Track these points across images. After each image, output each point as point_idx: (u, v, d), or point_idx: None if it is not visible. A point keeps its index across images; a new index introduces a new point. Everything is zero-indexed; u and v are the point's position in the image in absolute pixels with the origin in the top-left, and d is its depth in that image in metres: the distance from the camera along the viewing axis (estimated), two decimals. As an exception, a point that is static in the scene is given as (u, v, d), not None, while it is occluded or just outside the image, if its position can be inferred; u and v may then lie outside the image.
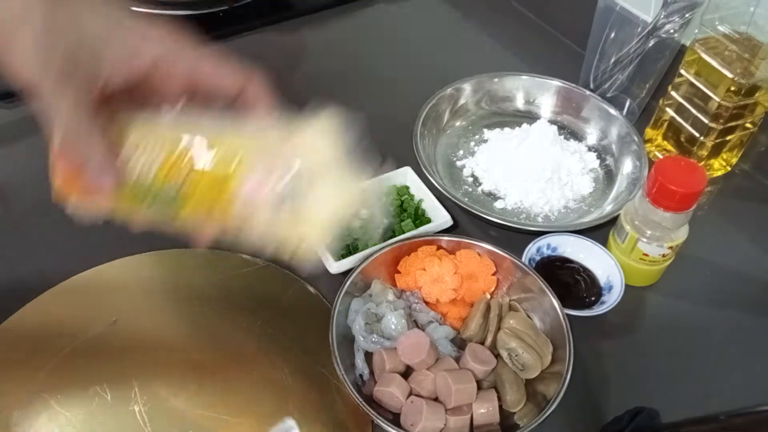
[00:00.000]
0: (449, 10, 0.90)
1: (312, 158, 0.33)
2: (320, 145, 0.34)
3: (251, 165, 0.34)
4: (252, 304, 0.54)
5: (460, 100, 0.72)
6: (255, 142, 0.34)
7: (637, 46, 0.67)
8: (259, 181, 0.33)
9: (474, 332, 0.49)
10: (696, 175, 0.50)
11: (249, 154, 0.34)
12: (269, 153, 0.33)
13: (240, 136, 0.35)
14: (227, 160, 0.35)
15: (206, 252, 0.56)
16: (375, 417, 0.44)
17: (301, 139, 0.34)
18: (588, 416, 0.49)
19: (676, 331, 0.55)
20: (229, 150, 0.35)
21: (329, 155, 0.34)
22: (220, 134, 0.36)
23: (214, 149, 0.35)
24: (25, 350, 0.50)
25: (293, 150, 0.33)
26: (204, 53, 0.37)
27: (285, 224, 0.33)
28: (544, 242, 0.57)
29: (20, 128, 0.70)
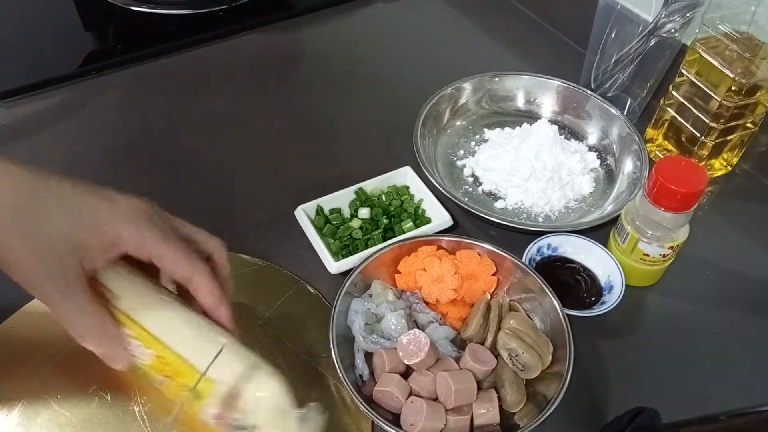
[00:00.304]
0: (449, 9, 0.90)
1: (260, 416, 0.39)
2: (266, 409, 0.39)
3: (217, 394, 0.39)
4: (252, 304, 0.54)
5: (460, 100, 0.72)
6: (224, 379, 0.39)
7: (638, 46, 0.67)
8: (220, 414, 0.38)
9: (474, 332, 0.49)
10: (697, 174, 0.50)
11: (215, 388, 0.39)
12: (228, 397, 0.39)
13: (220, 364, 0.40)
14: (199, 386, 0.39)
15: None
16: (375, 417, 0.44)
17: (250, 397, 0.39)
18: (588, 416, 0.49)
19: (676, 331, 0.55)
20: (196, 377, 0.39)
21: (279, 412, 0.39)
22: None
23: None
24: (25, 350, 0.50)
25: (245, 403, 0.39)
26: (165, 236, 0.39)
27: None
28: (545, 242, 0.57)
29: (20, 128, 0.70)
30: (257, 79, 0.78)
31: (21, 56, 0.78)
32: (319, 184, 0.63)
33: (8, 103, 0.72)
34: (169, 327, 0.40)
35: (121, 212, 0.38)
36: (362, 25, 0.87)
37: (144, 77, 0.77)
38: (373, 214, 0.60)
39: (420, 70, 0.80)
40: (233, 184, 0.65)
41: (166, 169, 0.67)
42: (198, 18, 0.84)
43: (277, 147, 0.69)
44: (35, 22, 0.82)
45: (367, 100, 0.76)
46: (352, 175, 0.63)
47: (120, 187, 0.63)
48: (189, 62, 0.79)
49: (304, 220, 0.58)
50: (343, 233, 0.58)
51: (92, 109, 0.73)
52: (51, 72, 0.75)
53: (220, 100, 0.75)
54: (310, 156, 0.68)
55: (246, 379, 0.39)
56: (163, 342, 0.40)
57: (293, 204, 0.59)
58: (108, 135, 0.70)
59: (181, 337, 0.41)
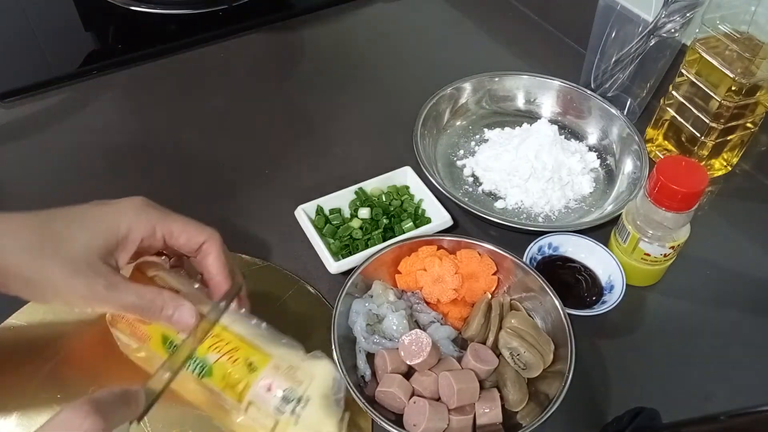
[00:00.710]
0: (449, 9, 0.90)
1: (312, 387, 0.41)
2: (320, 381, 0.42)
3: (268, 371, 0.42)
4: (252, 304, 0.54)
5: (460, 100, 0.72)
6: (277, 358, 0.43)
7: (638, 46, 0.67)
8: (269, 384, 0.41)
9: (475, 332, 0.49)
10: (697, 174, 0.50)
11: (273, 362, 0.42)
12: (285, 369, 0.42)
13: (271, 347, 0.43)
14: (257, 360, 0.42)
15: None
16: (378, 418, 0.44)
17: (307, 370, 0.42)
18: (588, 416, 0.49)
19: (676, 331, 0.55)
20: (260, 355, 0.43)
21: (325, 390, 0.42)
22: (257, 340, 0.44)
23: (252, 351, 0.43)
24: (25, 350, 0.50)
25: (302, 374, 0.42)
26: (171, 216, 0.43)
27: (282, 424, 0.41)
28: (546, 242, 0.57)
29: (20, 128, 0.70)
30: (257, 79, 0.78)
31: (21, 56, 0.78)
32: (319, 184, 0.63)
33: (8, 103, 0.72)
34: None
35: (123, 209, 0.42)
36: (362, 25, 0.87)
37: (144, 77, 0.77)
38: (373, 214, 0.60)
39: (420, 70, 0.80)
40: (233, 184, 0.65)
41: (166, 169, 0.67)
42: (198, 18, 0.84)
43: (277, 147, 0.69)
44: (35, 22, 0.82)
45: (367, 100, 0.76)
46: (352, 175, 0.63)
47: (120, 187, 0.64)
48: (189, 62, 0.79)
49: (304, 220, 0.58)
50: (343, 233, 0.58)
51: (92, 109, 0.73)
52: (51, 72, 0.75)
53: (220, 100, 0.75)
54: (310, 156, 0.68)
55: (303, 357, 0.43)
56: (224, 326, 0.43)
57: (293, 204, 0.59)
58: (108, 135, 0.70)
59: (238, 326, 0.44)
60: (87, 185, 0.64)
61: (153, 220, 0.42)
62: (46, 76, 0.74)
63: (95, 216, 0.41)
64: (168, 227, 0.42)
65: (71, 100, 0.73)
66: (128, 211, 0.41)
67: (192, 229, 0.43)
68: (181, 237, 0.43)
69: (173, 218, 0.43)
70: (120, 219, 0.41)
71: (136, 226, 0.41)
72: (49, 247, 0.39)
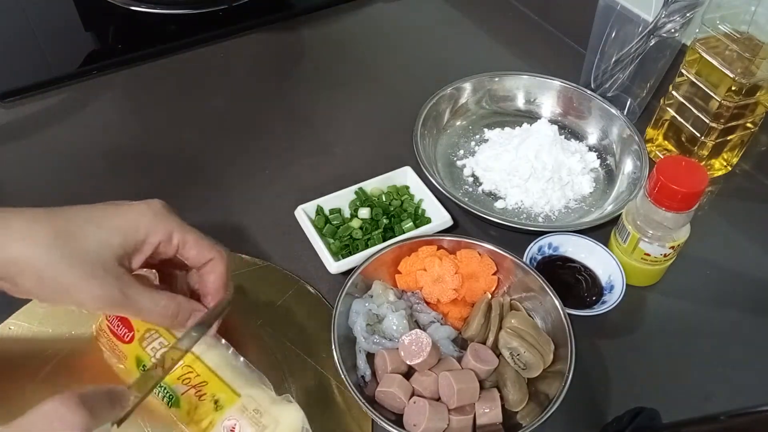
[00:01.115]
0: (449, 9, 0.90)
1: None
2: (285, 428, 0.42)
3: (233, 412, 0.42)
4: (252, 304, 0.54)
5: (460, 100, 0.72)
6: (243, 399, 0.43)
7: (638, 46, 0.67)
8: (233, 426, 0.41)
9: (475, 332, 0.49)
10: (697, 174, 0.50)
11: (240, 403, 0.42)
12: (251, 412, 0.42)
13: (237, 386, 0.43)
14: (224, 398, 0.43)
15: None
16: (378, 418, 0.44)
17: (274, 415, 0.42)
18: (588, 416, 0.49)
19: (676, 331, 0.55)
20: (228, 393, 0.43)
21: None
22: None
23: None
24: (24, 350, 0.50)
25: (268, 419, 0.41)
26: (188, 227, 0.42)
27: None
28: (546, 241, 0.57)
29: (20, 128, 0.70)
30: (257, 79, 0.78)
31: (21, 56, 0.78)
32: (319, 184, 0.63)
33: (8, 103, 0.72)
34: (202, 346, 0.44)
35: (143, 211, 0.41)
36: (362, 25, 0.87)
37: (144, 77, 0.77)
38: (373, 214, 0.60)
39: (420, 70, 0.80)
40: (233, 183, 0.65)
41: (166, 169, 0.67)
42: (198, 18, 0.84)
43: (277, 147, 0.69)
44: (35, 22, 0.82)
45: (367, 99, 0.76)
46: (352, 175, 0.63)
47: (120, 187, 0.64)
48: (189, 62, 0.79)
49: (304, 220, 0.58)
50: (343, 233, 0.58)
51: (92, 109, 0.73)
52: (51, 72, 0.75)
53: (220, 100, 0.75)
54: (310, 156, 0.68)
55: (270, 402, 0.42)
56: (197, 356, 0.44)
57: (293, 204, 0.59)
58: (108, 135, 0.70)
59: (212, 355, 0.44)
60: (87, 185, 0.64)
61: (171, 227, 0.41)
62: (46, 76, 0.74)
63: (114, 215, 0.40)
64: (184, 236, 0.42)
65: (71, 100, 0.73)
66: (148, 213, 0.40)
67: (205, 243, 0.42)
68: (193, 249, 0.42)
69: (189, 229, 0.42)
70: (139, 221, 0.40)
71: (154, 229, 0.40)
72: (64, 245, 0.37)
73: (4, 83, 0.72)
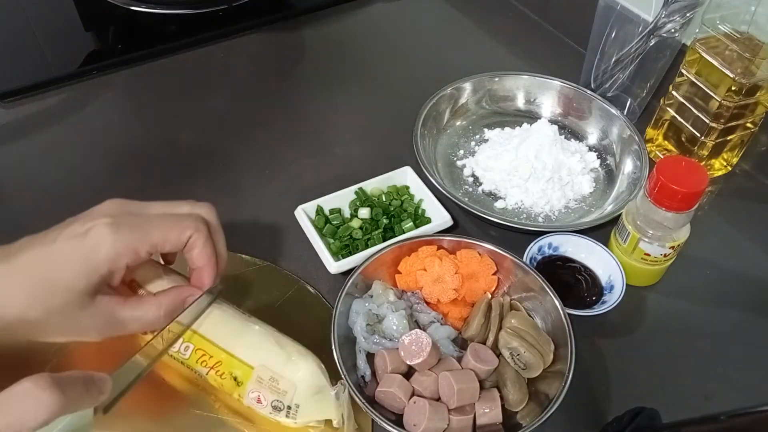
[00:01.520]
0: (449, 9, 0.90)
1: (298, 394, 0.43)
2: (304, 386, 0.43)
3: (253, 385, 0.43)
4: (252, 304, 0.54)
5: (460, 100, 0.72)
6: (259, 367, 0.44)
7: (638, 46, 0.67)
8: (258, 397, 0.43)
9: (475, 332, 0.49)
10: (697, 174, 0.50)
11: (255, 375, 0.43)
12: (267, 382, 0.43)
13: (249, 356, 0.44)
14: (240, 374, 0.44)
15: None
16: (378, 418, 0.44)
17: (289, 378, 0.43)
18: (588, 416, 0.49)
19: (676, 331, 0.55)
20: (242, 368, 0.44)
21: (312, 391, 0.43)
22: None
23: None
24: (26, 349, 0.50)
25: (285, 383, 0.43)
26: (148, 227, 0.40)
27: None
28: (546, 241, 0.57)
29: (20, 128, 0.70)
30: (257, 79, 0.78)
31: (21, 56, 0.78)
32: (319, 184, 0.63)
33: (8, 103, 0.72)
34: (209, 320, 0.44)
35: (95, 243, 0.38)
36: (362, 25, 0.87)
37: (144, 77, 0.77)
38: (373, 214, 0.60)
39: (420, 70, 0.80)
40: (233, 183, 0.65)
41: (166, 169, 0.67)
42: (198, 18, 0.84)
43: (277, 147, 0.69)
44: (35, 22, 0.82)
45: (367, 100, 0.76)
46: (352, 175, 0.63)
47: (120, 187, 0.64)
48: (189, 62, 0.79)
49: (304, 220, 0.58)
50: (343, 233, 0.58)
51: (92, 109, 0.73)
52: (51, 72, 0.75)
53: (220, 100, 0.75)
54: (310, 156, 0.68)
55: (283, 364, 0.43)
56: (202, 334, 0.44)
57: (293, 204, 0.59)
58: (108, 135, 0.70)
59: (219, 329, 0.45)
60: (87, 185, 0.64)
61: (131, 243, 0.39)
62: (46, 76, 0.74)
63: (69, 257, 0.38)
64: (148, 243, 0.40)
65: (71, 100, 0.73)
66: (102, 244, 0.38)
67: (173, 232, 0.41)
68: (165, 245, 0.41)
69: (151, 228, 0.40)
70: (96, 256, 0.38)
71: (115, 257, 0.38)
72: (43, 292, 0.37)
73: (4, 83, 0.72)
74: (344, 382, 0.44)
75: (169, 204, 0.43)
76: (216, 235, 0.44)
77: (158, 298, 0.42)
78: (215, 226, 0.44)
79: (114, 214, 0.40)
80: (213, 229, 0.44)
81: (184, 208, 0.43)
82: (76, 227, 0.39)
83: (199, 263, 0.43)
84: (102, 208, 0.41)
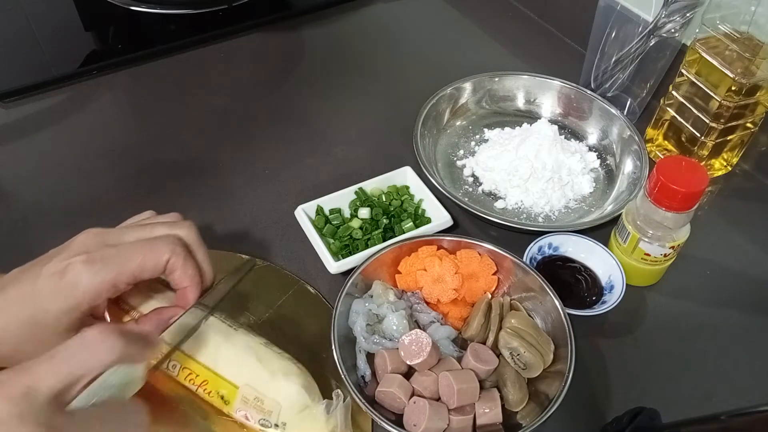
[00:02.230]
0: (449, 9, 0.90)
1: (284, 413, 0.43)
2: (288, 406, 0.43)
3: (239, 404, 0.43)
4: (252, 304, 0.54)
5: (460, 100, 0.72)
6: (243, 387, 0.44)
7: (638, 46, 0.67)
8: (245, 415, 0.43)
9: (475, 332, 0.49)
10: (697, 174, 0.50)
11: (241, 394, 0.43)
12: (252, 401, 0.43)
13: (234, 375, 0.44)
14: (227, 393, 0.44)
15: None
16: (378, 418, 0.44)
17: (273, 398, 0.43)
18: (588, 416, 0.49)
19: (676, 331, 0.55)
20: (228, 387, 0.44)
21: (297, 410, 0.43)
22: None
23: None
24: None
25: (269, 403, 0.43)
26: (123, 257, 0.40)
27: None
28: (546, 241, 0.57)
29: (20, 128, 0.70)
30: (257, 79, 0.78)
31: (21, 56, 0.78)
32: (319, 184, 0.63)
33: (8, 103, 0.72)
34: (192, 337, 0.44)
35: (72, 283, 0.38)
36: (362, 25, 0.87)
37: (144, 77, 0.77)
38: (373, 214, 0.60)
39: (420, 70, 0.80)
40: (233, 183, 0.65)
41: (166, 169, 0.67)
42: (198, 18, 0.84)
43: (277, 147, 0.69)
44: (35, 22, 0.82)
45: (367, 100, 0.76)
46: (352, 175, 0.63)
47: (120, 187, 0.64)
48: (189, 62, 0.79)
49: (304, 220, 0.58)
50: (343, 233, 0.58)
51: (92, 109, 0.73)
52: (51, 72, 0.75)
53: (220, 100, 0.75)
54: (310, 156, 0.68)
55: (266, 383, 0.43)
56: (186, 353, 0.44)
57: (293, 204, 0.59)
58: (108, 135, 0.70)
59: (201, 346, 0.44)
60: (87, 185, 0.64)
61: (108, 278, 0.39)
62: (46, 76, 0.74)
63: (51, 295, 0.38)
64: (125, 275, 0.39)
65: (71, 100, 0.73)
66: (79, 283, 0.38)
67: (149, 260, 0.40)
68: (143, 274, 0.40)
69: (127, 259, 0.39)
70: (74, 293, 0.38)
71: (93, 294, 0.38)
72: (33, 327, 0.38)
73: (4, 83, 0.73)
74: (339, 393, 0.44)
75: (145, 228, 0.42)
76: (197, 253, 0.43)
77: (140, 325, 0.42)
78: (196, 244, 0.43)
79: (90, 248, 0.39)
80: (193, 248, 0.43)
81: (161, 230, 0.42)
82: (55, 264, 0.39)
83: (182, 284, 0.42)
84: (78, 241, 0.40)
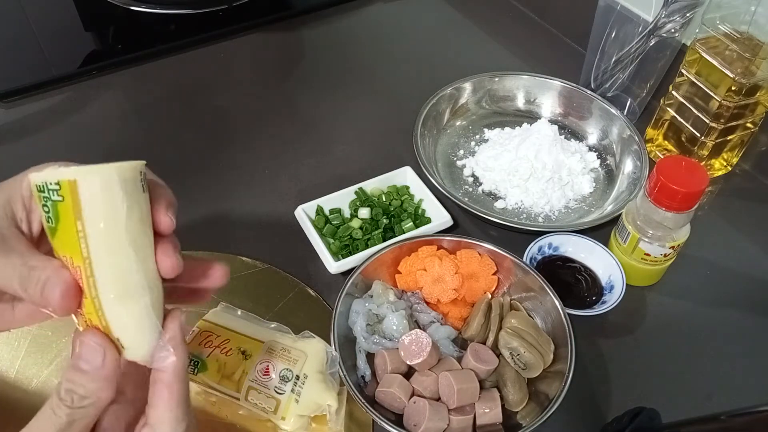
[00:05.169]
0: (449, 9, 0.90)
1: (308, 365, 0.44)
2: (314, 358, 0.45)
3: (263, 356, 0.45)
4: (252, 306, 0.54)
5: (460, 100, 0.72)
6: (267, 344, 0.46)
7: (638, 46, 0.67)
8: (266, 368, 0.44)
9: (475, 332, 0.49)
10: (697, 174, 0.50)
11: (266, 346, 0.45)
12: (279, 351, 0.45)
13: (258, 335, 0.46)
14: (250, 347, 0.45)
15: (206, 256, 0.56)
16: (377, 418, 0.44)
17: (300, 349, 0.45)
18: (588, 416, 0.49)
19: (676, 331, 0.55)
20: (252, 342, 0.46)
21: (320, 366, 0.45)
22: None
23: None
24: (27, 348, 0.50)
25: (296, 353, 0.45)
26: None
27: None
28: (546, 241, 0.57)
29: (20, 128, 0.70)
30: (257, 79, 0.78)
31: (21, 56, 0.78)
32: (319, 184, 0.63)
33: (8, 103, 0.72)
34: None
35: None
36: (362, 25, 0.87)
37: (144, 77, 0.77)
38: (373, 214, 0.60)
39: (420, 70, 0.80)
40: (233, 183, 0.65)
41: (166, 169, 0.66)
42: (198, 18, 0.84)
43: (277, 147, 0.69)
44: (35, 22, 0.82)
45: (367, 99, 0.76)
46: (352, 175, 0.63)
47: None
48: (189, 62, 0.79)
49: (304, 220, 0.58)
50: (343, 233, 0.58)
51: (92, 109, 0.73)
52: (51, 72, 0.75)
53: (220, 100, 0.75)
54: (310, 156, 0.68)
55: (294, 338, 0.46)
56: (211, 321, 0.46)
57: (293, 204, 0.59)
58: (108, 135, 0.70)
59: (225, 320, 0.46)
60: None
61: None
62: (46, 76, 0.74)
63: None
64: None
65: (71, 100, 0.73)
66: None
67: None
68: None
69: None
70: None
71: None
72: None
73: (4, 83, 0.72)
74: (336, 357, 0.46)
75: None
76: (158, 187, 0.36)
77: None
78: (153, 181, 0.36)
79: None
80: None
81: None
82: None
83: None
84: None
